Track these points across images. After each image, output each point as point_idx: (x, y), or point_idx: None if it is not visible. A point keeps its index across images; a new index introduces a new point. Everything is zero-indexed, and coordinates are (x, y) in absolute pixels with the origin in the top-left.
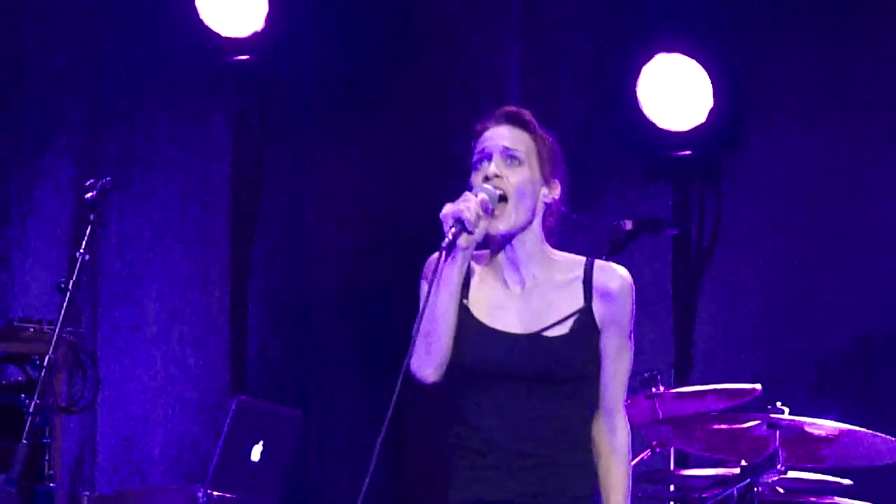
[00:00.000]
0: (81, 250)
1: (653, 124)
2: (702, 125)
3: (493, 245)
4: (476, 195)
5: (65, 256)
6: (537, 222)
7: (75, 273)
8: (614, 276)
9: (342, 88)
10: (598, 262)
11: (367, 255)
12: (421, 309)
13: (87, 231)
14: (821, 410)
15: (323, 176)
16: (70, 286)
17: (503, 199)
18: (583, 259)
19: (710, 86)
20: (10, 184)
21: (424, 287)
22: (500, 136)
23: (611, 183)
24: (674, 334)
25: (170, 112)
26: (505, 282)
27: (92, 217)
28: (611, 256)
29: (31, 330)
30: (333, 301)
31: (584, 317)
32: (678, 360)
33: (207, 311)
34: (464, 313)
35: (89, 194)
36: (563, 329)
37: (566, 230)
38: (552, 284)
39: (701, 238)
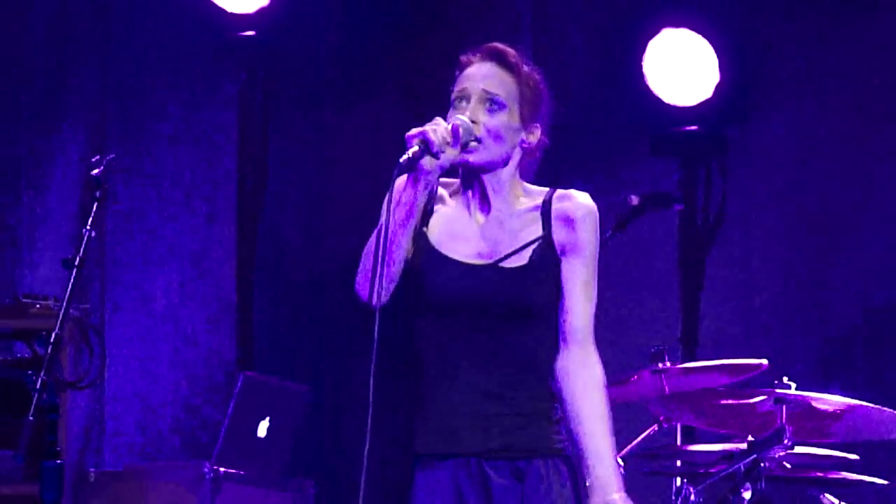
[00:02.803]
0: (88, 227)
1: (659, 99)
2: (708, 100)
3: (462, 175)
4: (448, 122)
5: (74, 233)
6: (512, 163)
7: (81, 249)
8: (575, 202)
9: (348, 64)
10: (559, 191)
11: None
12: (376, 229)
13: (94, 207)
14: (827, 385)
15: (329, 151)
16: (76, 262)
17: (477, 139)
18: (546, 189)
19: (717, 60)
20: (19, 160)
21: (384, 207)
22: (482, 75)
23: (617, 158)
24: (680, 310)
25: (177, 88)
26: (469, 212)
27: (98, 193)
28: (617, 232)
29: (38, 306)
30: (343, 276)
31: (543, 245)
32: (684, 336)
33: (216, 287)
34: (423, 241)
35: (95, 171)
36: (521, 259)
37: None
38: (513, 214)
39: (707, 213)
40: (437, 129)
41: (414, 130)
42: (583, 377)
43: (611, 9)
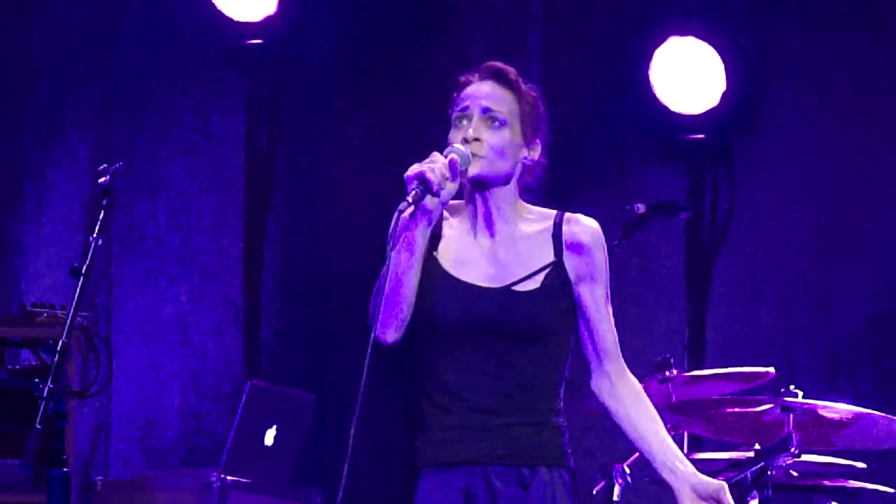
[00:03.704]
0: (94, 235)
1: (666, 108)
2: (715, 108)
3: (466, 197)
4: (446, 156)
5: (79, 242)
6: (514, 180)
7: (88, 258)
8: (584, 228)
9: (355, 72)
10: (567, 215)
11: (383, 237)
12: (383, 269)
13: (101, 216)
14: (834, 393)
15: (336, 159)
16: (84, 270)
17: (477, 157)
18: (553, 212)
19: (723, 69)
20: (24, 169)
21: (388, 251)
22: (482, 93)
23: (624, 166)
24: (687, 318)
25: (183, 96)
26: (475, 234)
27: (105, 202)
28: (624, 240)
29: (45, 315)
30: (350, 284)
31: (556, 271)
32: (691, 344)
33: (223, 296)
34: (433, 265)
35: (102, 179)
36: (533, 284)
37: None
38: (522, 237)
39: (714, 221)
40: (435, 166)
41: (412, 171)
42: (626, 390)
43: (618, 18)
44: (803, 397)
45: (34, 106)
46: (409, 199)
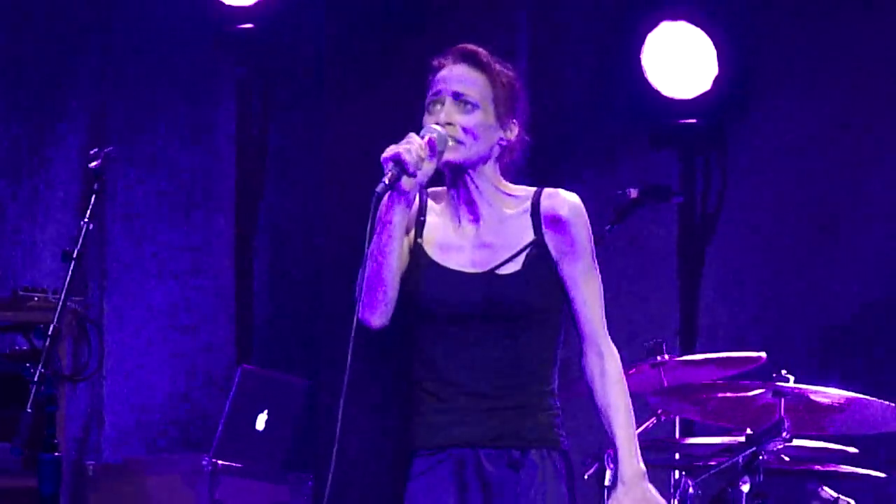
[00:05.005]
0: (86, 219)
1: (658, 92)
2: (707, 93)
3: (448, 183)
4: (423, 136)
5: (75, 226)
6: (491, 161)
7: (80, 242)
8: (562, 202)
9: (347, 57)
10: (545, 191)
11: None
12: (365, 254)
13: (92, 200)
14: (826, 378)
15: (328, 144)
16: (75, 255)
17: (456, 141)
18: (533, 190)
19: (715, 53)
20: (20, 153)
21: (369, 234)
22: (454, 78)
23: (616, 151)
24: (679, 302)
25: (176, 81)
26: (459, 220)
27: (96, 186)
28: (616, 224)
29: (36, 299)
30: (341, 269)
31: (537, 249)
32: (683, 329)
33: (214, 280)
34: (418, 252)
35: (94, 163)
36: (516, 265)
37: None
38: (503, 219)
39: (706, 206)
40: (412, 146)
41: (388, 152)
42: (599, 372)
43: (609, 2)
44: (795, 382)
45: (27, 89)
46: (386, 180)
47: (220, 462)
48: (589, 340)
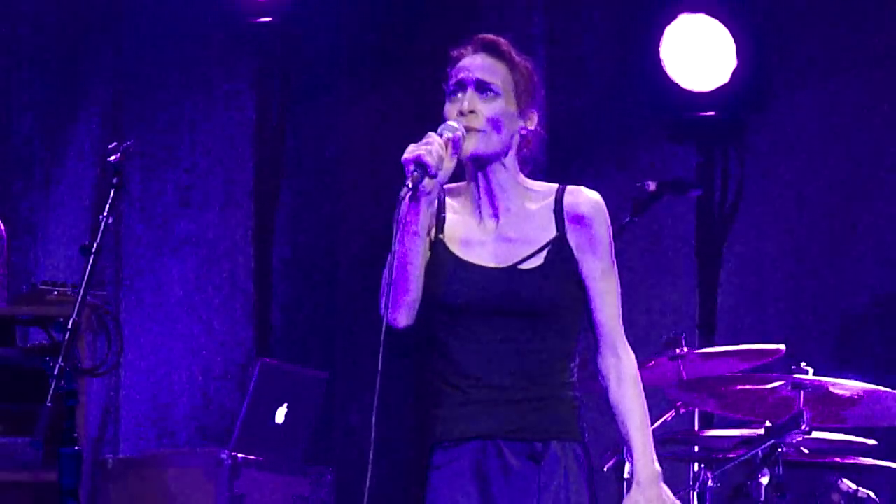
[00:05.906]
0: (105, 213)
1: (676, 85)
2: (725, 85)
3: (468, 177)
4: (441, 134)
5: (90, 221)
6: (512, 153)
7: (99, 236)
8: (584, 199)
9: (364, 50)
10: (568, 188)
11: (391, 216)
12: (389, 255)
13: (111, 194)
14: (845, 370)
15: (346, 137)
16: (94, 249)
17: (473, 131)
18: (555, 186)
19: (734, 46)
20: (34, 148)
21: (394, 236)
22: (475, 66)
23: (634, 144)
24: (697, 295)
25: (193, 75)
26: (480, 214)
27: (115, 180)
28: (634, 217)
29: (56, 293)
30: (359, 263)
31: (559, 246)
32: (702, 321)
33: (232, 274)
34: (440, 248)
35: (112, 157)
36: (537, 261)
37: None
38: (526, 215)
39: (724, 199)
40: (432, 147)
41: (408, 153)
42: (614, 372)
43: None
44: (814, 374)
45: (42, 84)
46: (409, 183)
47: (239, 455)
48: (605, 341)
